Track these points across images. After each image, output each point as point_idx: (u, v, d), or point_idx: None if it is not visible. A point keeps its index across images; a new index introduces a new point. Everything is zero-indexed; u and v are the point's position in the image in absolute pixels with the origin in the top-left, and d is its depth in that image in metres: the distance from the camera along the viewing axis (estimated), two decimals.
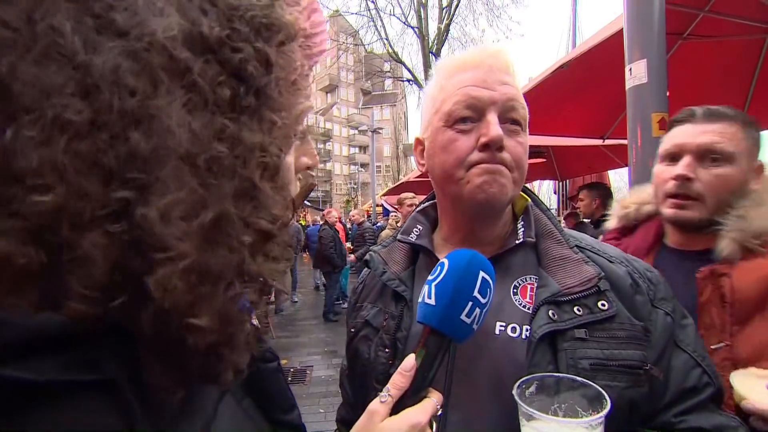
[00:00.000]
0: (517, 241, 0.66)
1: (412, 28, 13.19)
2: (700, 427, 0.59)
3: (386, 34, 13.37)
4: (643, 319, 0.61)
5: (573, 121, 3.71)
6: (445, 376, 0.62)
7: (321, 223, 7.73)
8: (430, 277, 0.56)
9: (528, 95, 0.72)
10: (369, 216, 12.36)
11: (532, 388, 0.52)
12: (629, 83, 1.59)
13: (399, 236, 0.77)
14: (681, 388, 0.61)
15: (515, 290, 0.65)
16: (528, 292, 0.65)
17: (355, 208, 10.20)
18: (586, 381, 0.51)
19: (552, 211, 0.75)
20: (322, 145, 55.14)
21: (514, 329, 0.62)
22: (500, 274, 0.64)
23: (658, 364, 0.60)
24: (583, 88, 3.15)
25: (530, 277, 0.66)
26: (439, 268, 0.55)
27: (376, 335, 0.70)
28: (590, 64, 2.50)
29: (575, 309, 0.60)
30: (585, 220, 3.90)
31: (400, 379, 0.50)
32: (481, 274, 0.53)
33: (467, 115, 0.63)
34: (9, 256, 0.23)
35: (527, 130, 0.67)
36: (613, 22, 2.51)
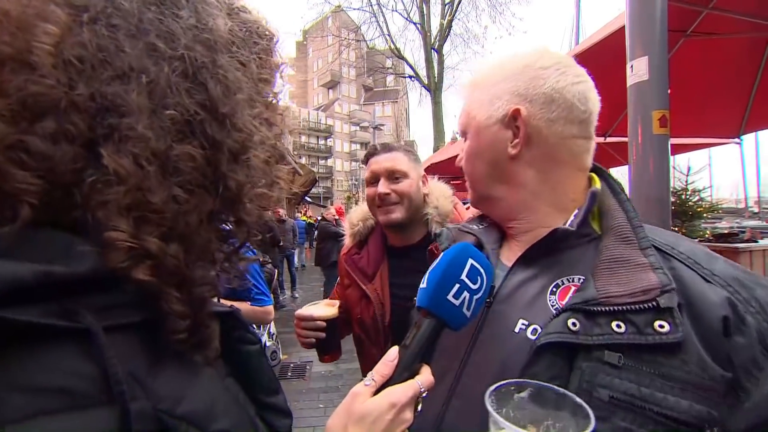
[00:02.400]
0: (560, 227, 0.59)
1: (415, 24, 13.14)
2: None
3: (388, 30, 13.35)
4: (737, 368, 0.46)
5: None
6: (459, 365, 0.62)
7: (320, 219, 7.81)
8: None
9: None
10: None
11: (524, 394, 0.46)
12: (630, 80, 1.58)
13: (462, 225, 0.79)
14: None
15: (555, 289, 0.59)
16: (568, 294, 0.56)
17: (356, 205, 10.19)
18: (583, 404, 0.42)
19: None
20: (323, 141, 55.09)
21: (534, 331, 0.56)
22: (544, 268, 0.61)
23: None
24: None
25: (578, 278, 0.57)
26: (437, 260, 0.58)
27: None
28: (592, 62, 2.49)
29: (614, 324, 0.49)
30: None
31: (383, 368, 0.51)
32: (470, 261, 0.56)
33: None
34: None
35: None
36: (615, 19, 2.50)
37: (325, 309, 1.20)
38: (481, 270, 0.56)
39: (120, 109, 0.33)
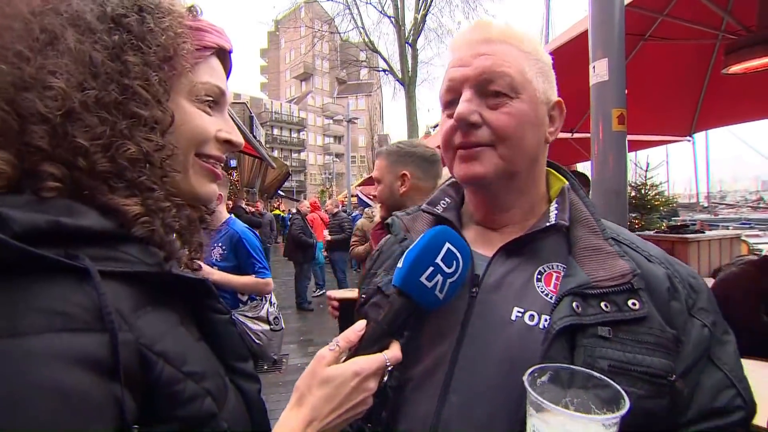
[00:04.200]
0: (547, 223, 0.63)
1: (389, 17, 13.11)
2: None
3: (362, 22, 13.25)
4: (677, 327, 0.56)
5: None
6: (450, 356, 0.61)
7: (294, 212, 7.82)
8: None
9: None
10: (344, 206, 12.33)
11: (545, 378, 0.49)
12: (593, 80, 1.70)
13: (424, 206, 0.75)
14: (708, 407, 0.56)
15: (539, 276, 0.62)
16: (553, 280, 0.61)
17: (329, 199, 10.14)
18: (605, 378, 0.47)
19: None
20: (296, 135, 54.12)
21: (532, 317, 0.59)
22: (525, 258, 0.64)
23: (684, 377, 0.55)
24: None
25: (557, 265, 0.62)
26: (416, 240, 0.60)
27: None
28: (559, 62, 2.61)
29: (602, 304, 0.55)
30: None
31: (350, 335, 0.55)
32: (447, 245, 0.57)
33: (450, 99, 0.64)
34: None
35: (526, 93, 0.61)
36: (581, 21, 2.63)
37: (347, 292, 1.31)
38: (458, 254, 0.57)
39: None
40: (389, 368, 0.55)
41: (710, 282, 3.19)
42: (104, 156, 0.43)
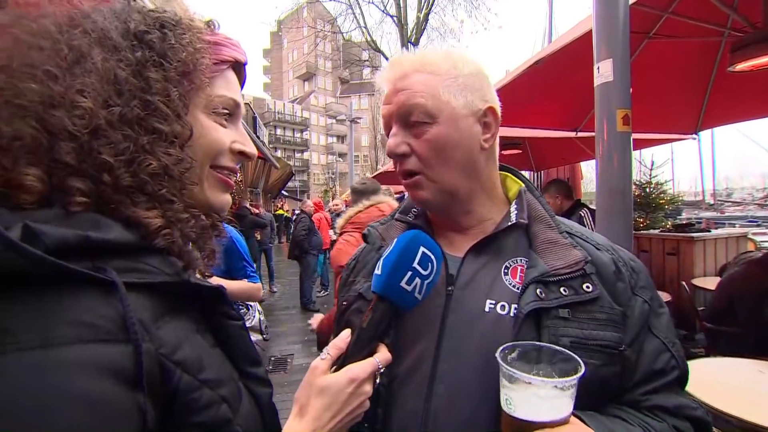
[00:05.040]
0: (509, 223, 0.70)
1: (391, 16, 13.08)
2: (663, 405, 0.64)
3: (365, 22, 13.23)
4: (623, 304, 0.65)
5: (548, 114, 3.83)
6: (433, 351, 0.66)
7: (298, 212, 7.84)
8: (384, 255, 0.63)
9: (504, 89, 0.78)
10: (348, 206, 12.31)
11: (514, 354, 0.57)
12: (597, 81, 1.69)
13: (397, 215, 0.81)
14: (650, 370, 0.65)
15: (506, 270, 0.68)
16: (518, 273, 0.68)
17: (333, 198, 10.17)
18: (566, 351, 0.56)
19: None
20: (299, 135, 54.22)
21: (503, 307, 0.65)
22: (492, 256, 0.70)
23: (631, 346, 0.64)
24: (557, 83, 3.26)
25: (521, 259, 0.69)
26: (391, 246, 0.63)
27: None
28: (563, 61, 2.61)
29: (561, 289, 0.63)
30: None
31: (339, 343, 0.59)
32: (422, 249, 0.60)
33: (388, 133, 0.72)
34: None
35: (442, 115, 0.66)
36: (584, 20, 2.62)
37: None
38: (432, 256, 0.61)
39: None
40: (381, 370, 0.58)
41: (716, 281, 3.17)
42: (127, 171, 0.44)
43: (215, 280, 2.13)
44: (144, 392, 0.36)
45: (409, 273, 0.58)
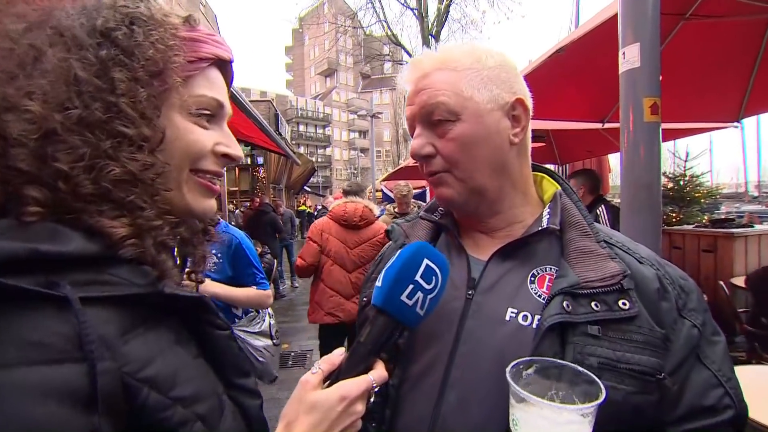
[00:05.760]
0: (539, 227, 0.65)
1: (411, 9, 12.90)
2: None
3: (385, 15, 13.12)
4: (666, 326, 0.59)
5: (573, 105, 3.66)
6: (447, 356, 0.63)
7: (320, 208, 7.90)
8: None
9: (526, 79, 0.70)
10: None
11: (531, 370, 0.52)
12: (622, 67, 1.56)
13: (422, 213, 0.78)
14: (697, 405, 0.58)
15: (533, 278, 0.64)
16: (546, 282, 0.63)
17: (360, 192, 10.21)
18: (589, 373, 0.50)
19: None
20: (321, 131, 54.73)
21: (525, 317, 0.61)
22: (519, 261, 0.66)
23: (673, 375, 0.58)
24: (582, 72, 3.10)
25: (550, 267, 0.64)
26: (394, 257, 0.59)
27: None
28: (588, 48, 2.46)
29: (593, 304, 0.58)
30: None
31: (333, 358, 0.55)
32: (426, 261, 0.56)
33: (412, 134, 0.70)
34: None
35: (466, 112, 0.63)
36: (612, 3, 2.46)
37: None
38: (437, 270, 0.57)
39: None
40: (375, 389, 0.54)
41: None
42: (87, 178, 0.42)
43: (216, 287, 2.06)
44: (98, 413, 0.34)
45: (411, 286, 0.55)
